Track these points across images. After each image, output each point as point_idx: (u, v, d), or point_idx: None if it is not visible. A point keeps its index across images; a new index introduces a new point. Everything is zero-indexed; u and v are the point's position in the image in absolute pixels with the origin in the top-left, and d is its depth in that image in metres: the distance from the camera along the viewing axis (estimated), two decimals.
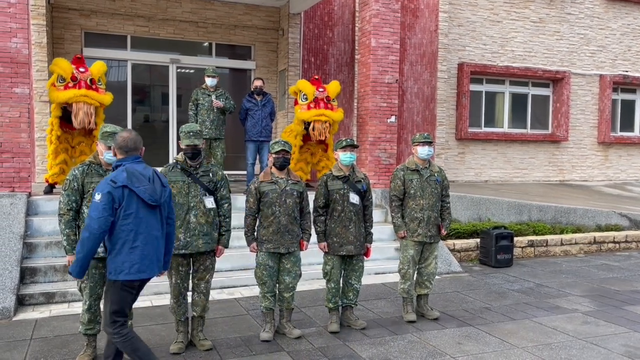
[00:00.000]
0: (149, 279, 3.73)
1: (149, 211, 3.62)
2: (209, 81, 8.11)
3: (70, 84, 6.98)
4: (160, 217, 3.73)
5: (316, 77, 8.74)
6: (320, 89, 8.42)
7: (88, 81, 7.05)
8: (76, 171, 4.22)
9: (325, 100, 8.39)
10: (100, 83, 7.25)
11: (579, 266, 8.23)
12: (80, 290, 4.29)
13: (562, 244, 9.09)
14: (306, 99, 8.41)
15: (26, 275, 6.04)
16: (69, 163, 7.31)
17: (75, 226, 4.17)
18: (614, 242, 9.50)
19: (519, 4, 13.32)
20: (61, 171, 7.21)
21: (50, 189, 7.36)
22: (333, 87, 8.61)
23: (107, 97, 7.30)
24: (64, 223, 4.13)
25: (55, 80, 7.05)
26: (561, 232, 9.38)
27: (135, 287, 3.69)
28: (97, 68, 7.28)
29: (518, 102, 13.98)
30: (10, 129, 6.63)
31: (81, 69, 7.09)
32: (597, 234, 9.44)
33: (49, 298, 5.83)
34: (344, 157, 5.15)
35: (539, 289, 6.86)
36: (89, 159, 4.35)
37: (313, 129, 8.33)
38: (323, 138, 8.45)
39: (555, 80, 14.00)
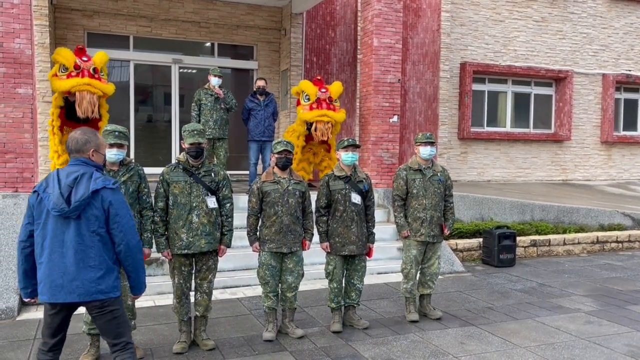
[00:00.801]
0: (67, 306, 3.16)
1: (60, 223, 3.07)
2: (214, 80, 8.10)
3: (73, 73, 6.97)
4: (83, 230, 3.07)
5: (318, 77, 8.75)
6: (323, 90, 8.42)
7: (91, 70, 7.04)
8: None
9: (327, 101, 8.39)
10: (102, 73, 7.26)
11: (581, 266, 8.21)
12: None
13: (564, 244, 9.08)
14: (308, 99, 8.42)
15: None
16: None
17: None
18: (616, 241, 9.49)
19: (521, 4, 13.30)
20: None
21: None
22: (335, 88, 8.61)
23: (110, 87, 7.29)
24: None
25: (57, 70, 7.04)
26: (564, 232, 9.37)
27: (51, 310, 3.17)
28: (99, 58, 7.26)
29: (521, 101, 13.96)
30: (14, 130, 6.65)
31: (84, 58, 7.09)
32: (600, 234, 9.42)
33: None
34: (346, 157, 5.16)
35: (542, 288, 6.85)
36: None
37: (315, 130, 8.33)
38: (325, 138, 8.45)
39: (558, 79, 13.98)
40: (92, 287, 3.09)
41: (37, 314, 5.53)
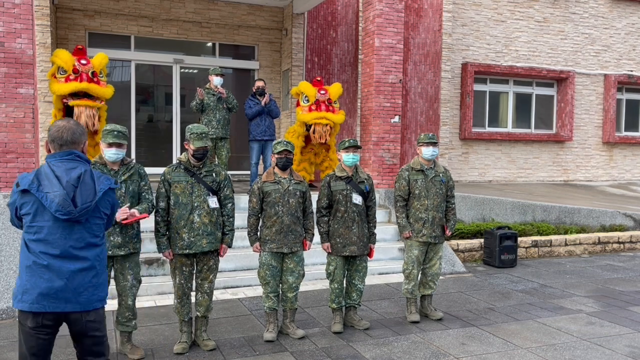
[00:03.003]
0: (57, 321, 2.79)
1: (61, 226, 2.73)
2: (216, 80, 8.10)
3: (72, 77, 6.96)
4: (84, 233, 2.79)
5: (318, 78, 8.74)
6: (322, 92, 8.41)
7: (90, 74, 7.02)
8: None
9: (326, 102, 8.38)
10: (101, 75, 7.23)
11: (583, 266, 8.20)
12: None
13: (566, 244, 9.06)
14: (307, 100, 8.41)
15: None
16: None
17: None
18: (618, 242, 9.47)
19: (523, 4, 13.28)
20: None
21: None
22: (335, 90, 8.60)
23: (109, 90, 7.26)
24: None
25: (55, 71, 7.03)
26: (565, 233, 9.35)
27: (35, 326, 2.74)
28: (98, 60, 7.23)
29: (522, 102, 13.94)
30: (15, 129, 6.65)
31: (83, 61, 7.05)
32: (602, 235, 9.40)
33: None
34: (347, 158, 5.15)
35: (543, 289, 6.84)
36: (94, 158, 4.37)
37: (314, 132, 8.34)
38: (323, 141, 8.45)
39: (560, 80, 13.96)
40: (94, 294, 2.81)
41: None
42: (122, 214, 4.05)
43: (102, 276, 2.87)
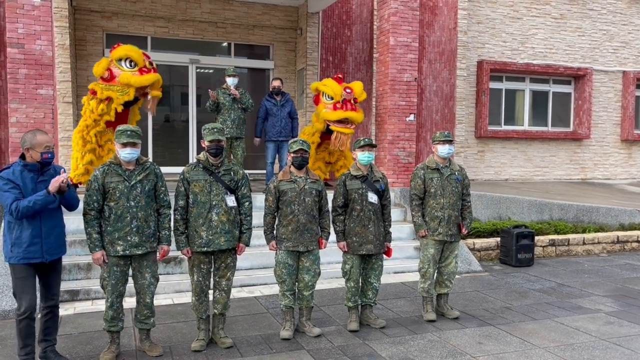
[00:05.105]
0: None
1: None
2: (230, 80, 8.17)
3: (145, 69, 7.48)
4: None
5: (340, 75, 8.69)
6: (348, 90, 8.40)
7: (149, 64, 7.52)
8: (97, 172, 4.34)
9: (352, 101, 8.37)
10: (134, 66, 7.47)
11: (601, 266, 8.11)
12: (102, 287, 4.37)
13: (584, 243, 8.96)
14: (331, 98, 8.37)
15: None
16: (95, 163, 7.40)
17: (98, 225, 4.29)
18: (637, 241, 9.34)
19: (539, 0, 13.15)
20: (86, 172, 7.30)
21: (74, 188, 7.45)
22: (358, 88, 8.58)
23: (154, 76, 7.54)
24: (86, 222, 4.30)
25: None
26: (583, 231, 9.25)
27: None
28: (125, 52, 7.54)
29: (539, 99, 13.81)
30: None
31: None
32: (620, 233, 9.29)
33: (73, 295, 5.94)
34: (362, 156, 5.16)
35: (561, 288, 6.78)
36: (110, 159, 4.44)
37: (336, 138, 8.34)
38: (343, 149, 8.43)
39: (577, 77, 13.80)
40: None
41: None
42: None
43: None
